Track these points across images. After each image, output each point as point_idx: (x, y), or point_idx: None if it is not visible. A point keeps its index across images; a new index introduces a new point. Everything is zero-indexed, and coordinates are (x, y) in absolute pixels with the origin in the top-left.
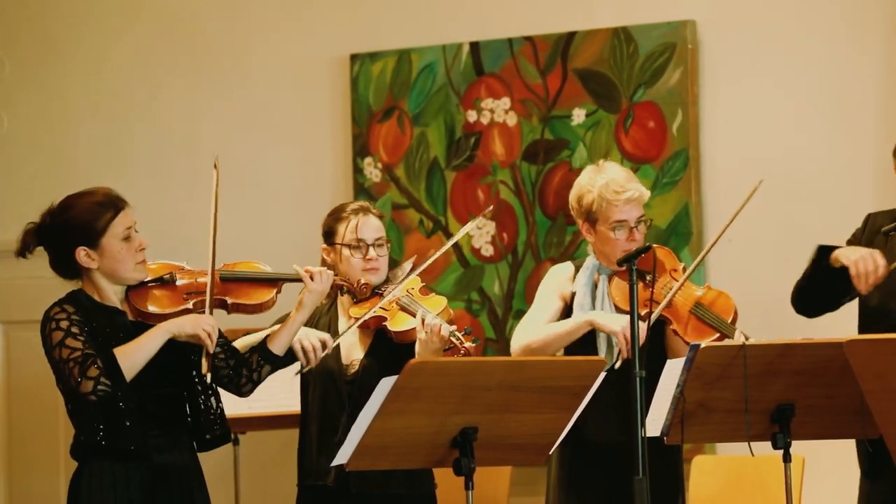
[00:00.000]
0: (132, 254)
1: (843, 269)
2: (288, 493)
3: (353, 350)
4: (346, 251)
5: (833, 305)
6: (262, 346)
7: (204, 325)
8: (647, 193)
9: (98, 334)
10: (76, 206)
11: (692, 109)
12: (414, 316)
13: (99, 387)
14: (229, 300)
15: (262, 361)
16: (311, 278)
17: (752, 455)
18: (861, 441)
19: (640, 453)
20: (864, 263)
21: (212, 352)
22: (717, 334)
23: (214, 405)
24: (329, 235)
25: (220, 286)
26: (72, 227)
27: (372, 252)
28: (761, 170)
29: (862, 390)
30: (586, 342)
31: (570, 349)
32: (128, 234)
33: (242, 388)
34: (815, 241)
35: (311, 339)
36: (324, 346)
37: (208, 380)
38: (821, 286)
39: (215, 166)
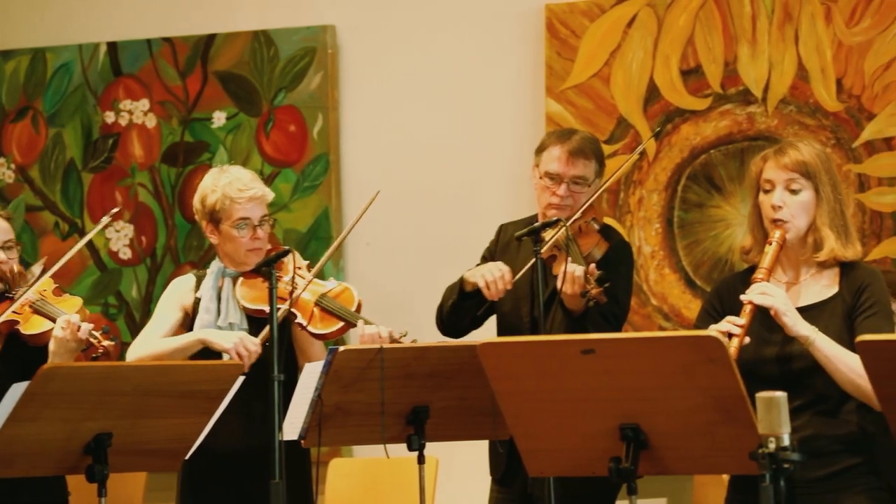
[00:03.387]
0: None
1: (477, 290)
2: None
3: None
4: None
5: (476, 324)
6: None
7: None
8: (270, 194)
9: None
10: None
11: (332, 114)
12: (49, 318)
13: None
14: None
15: None
16: None
17: (388, 457)
18: (493, 444)
19: (276, 457)
20: (490, 273)
21: None
22: (342, 323)
23: None
24: None
25: None
26: None
27: (1, 255)
28: (401, 174)
29: (494, 392)
30: None
31: None
32: None
33: None
34: (451, 244)
35: None
36: None
37: None
38: (462, 312)
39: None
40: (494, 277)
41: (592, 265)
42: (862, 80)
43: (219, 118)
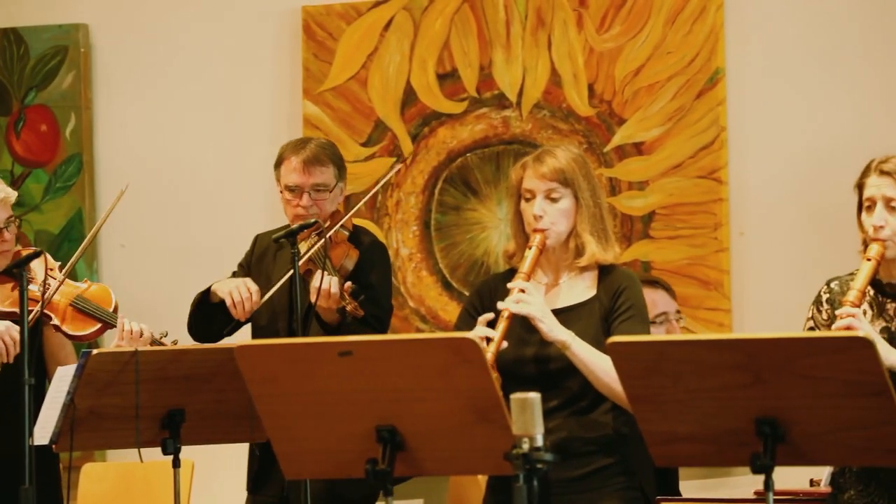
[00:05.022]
0: None
1: (223, 302)
2: None
3: None
4: None
5: (222, 336)
6: None
7: None
8: (13, 195)
9: None
10: None
11: (86, 113)
12: None
13: None
14: None
15: None
16: None
17: (142, 461)
18: (250, 447)
19: (26, 462)
20: (238, 292)
21: None
22: (99, 324)
23: None
24: None
25: None
26: None
27: None
28: (157, 175)
29: (251, 395)
30: None
31: None
32: None
33: None
34: (208, 246)
35: None
36: None
37: None
38: (208, 321)
39: None
40: (242, 297)
41: (348, 283)
42: (613, 85)
43: None
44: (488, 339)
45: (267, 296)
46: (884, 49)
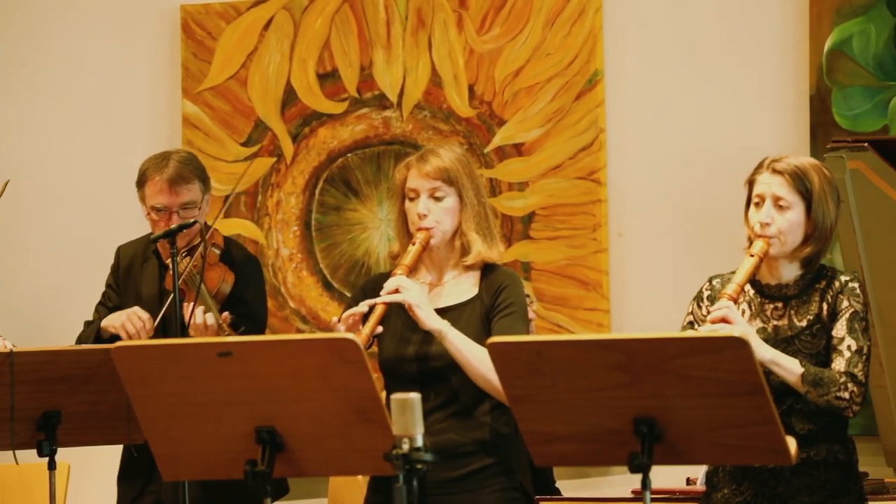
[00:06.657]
0: None
1: (116, 337)
2: None
3: None
4: None
5: None
6: None
7: None
8: None
9: None
10: None
11: None
12: None
13: None
14: None
15: None
16: None
17: (17, 463)
18: (127, 448)
19: None
20: (132, 323)
21: None
22: None
23: None
24: None
25: None
26: None
27: None
28: (33, 173)
29: (128, 396)
30: None
31: None
32: None
33: None
34: (86, 246)
35: None
36: None
37: None
38: None
39: None
40: (136, 329)
41: (226, 313)
42: (493, 86)
43: None
44: (366, 318)
45: (157, 319)
46: (758, 51)
